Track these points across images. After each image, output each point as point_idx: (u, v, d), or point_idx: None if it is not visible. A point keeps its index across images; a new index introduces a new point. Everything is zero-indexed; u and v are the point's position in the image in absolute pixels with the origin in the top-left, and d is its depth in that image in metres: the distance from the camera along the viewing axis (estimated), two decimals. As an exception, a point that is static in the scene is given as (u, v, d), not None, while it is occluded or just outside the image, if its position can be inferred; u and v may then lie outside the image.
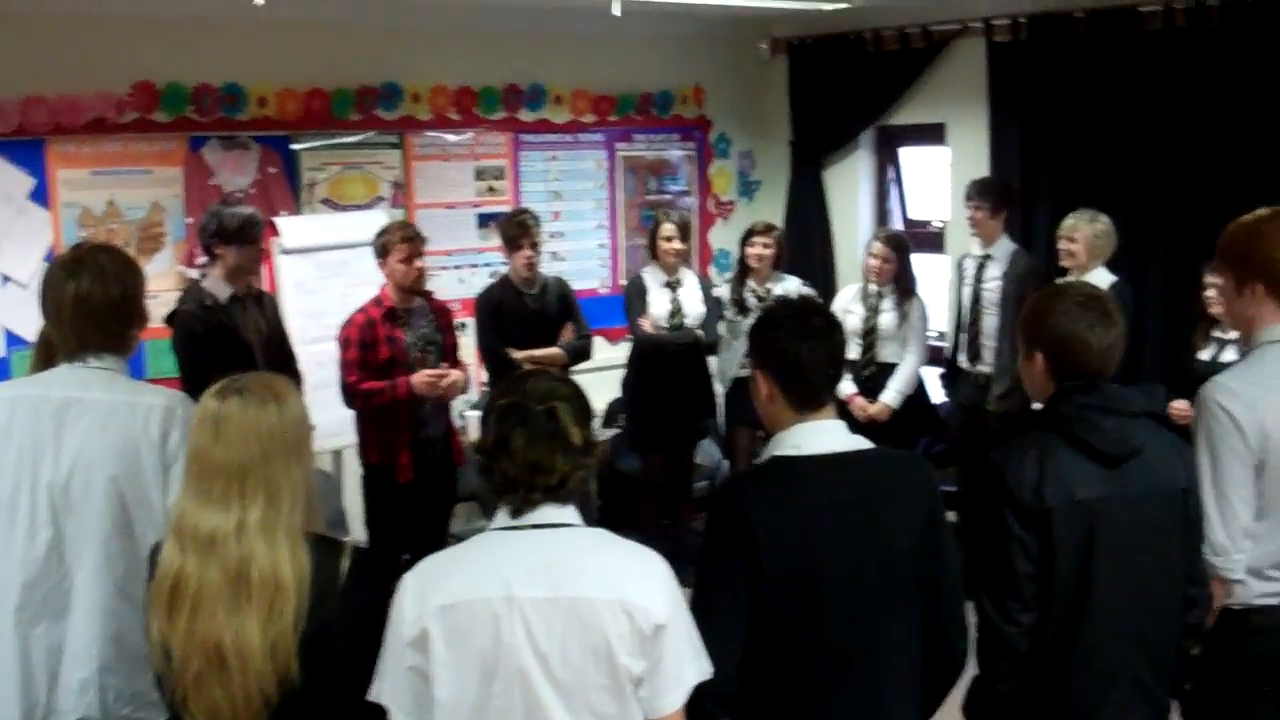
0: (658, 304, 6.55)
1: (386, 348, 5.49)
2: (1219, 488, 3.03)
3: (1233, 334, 3.43)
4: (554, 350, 6.17)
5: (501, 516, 2.47)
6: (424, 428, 5.62)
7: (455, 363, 5.75)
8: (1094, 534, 2.80)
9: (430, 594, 2.39)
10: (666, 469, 6.79)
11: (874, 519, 2.69)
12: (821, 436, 2.75)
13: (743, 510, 2.66)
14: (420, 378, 5.47)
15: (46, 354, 3.27)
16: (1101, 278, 5.86)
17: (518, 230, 6.08)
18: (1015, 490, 2.81)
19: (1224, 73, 6.13)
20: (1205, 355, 5.33)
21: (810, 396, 2.75)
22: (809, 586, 2.64)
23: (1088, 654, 2.82)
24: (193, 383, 4.82)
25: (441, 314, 5.78)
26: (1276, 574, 3.11)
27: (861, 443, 2.80)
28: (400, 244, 5.46)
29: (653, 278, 6.62)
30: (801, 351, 2.73)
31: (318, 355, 5.87)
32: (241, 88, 6.60)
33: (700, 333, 6.58)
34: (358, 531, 5.91)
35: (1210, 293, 5.27)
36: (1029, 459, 2.84)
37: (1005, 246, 6.46)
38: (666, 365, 6.53)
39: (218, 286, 5.10)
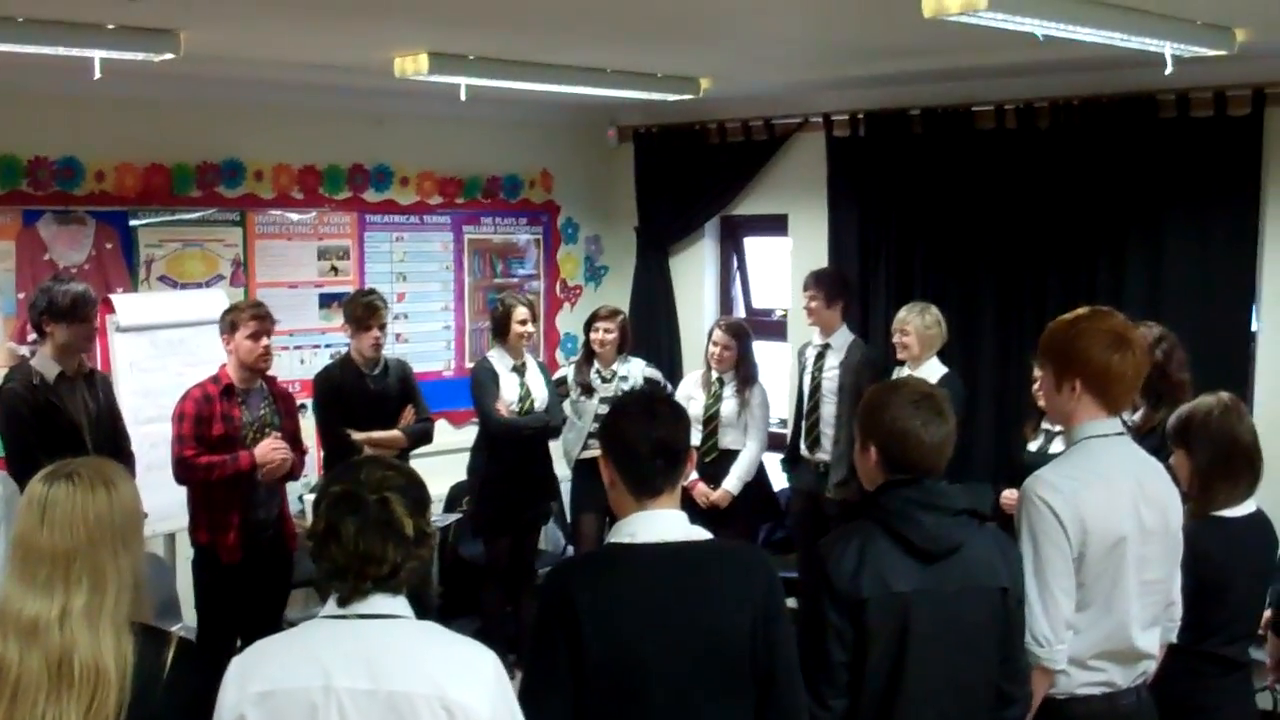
0: (508, 388, 6.53)
1: (221, 425, 5.38)
2: (1041, 579, 3.11)
3: (1060, 426, 3.57)
4: (394, 433, 6.13)
5: (330, 605, 2.44)
6: (255, 509, 5.51)
7: (298, 448, 5.66)
8: (907, 625, 2.88)
9: (251, 680, 2.36)
10: (510, 554, 6.74)
11: (703, 610, 2.69)
12: (657, 525, 2.76)
13: (568, 595, 2.66)
14: (264, 447, 5.39)
15: None
16: (933, 369, 6.03)
17: (365, 311, 6.05)
18: (834, 578, 2.89)
19: (1051, 171, 6.39)
20: (1034, 446, 5.47)
21: (645, 483, 2.77)
22: (632, 676, 2.64)
23: (896, 741, 2.88)
24: (18, 463, 4.70)
25: (283, 398, 5.70)
26: (1098, 664, 3.21)
27: (699, 533, 2.82)
28: (250, 320, 5.39)
29: (500, 362, 6.59)
30: (639, 439, 2.76)
31: (151, 436, 5.75)
32: (79, 161, 6.47)
33: (548, 416, 6.59)
34: (190, 616, 5.75)
35: (1038, 385, 5.45)
36: (850, 549, 2.92)
37: (843, 336, 6.59)
38: (517, 449, 6.50)
39: (46, 365, 4.98)
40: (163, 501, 5.46)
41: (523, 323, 6.55)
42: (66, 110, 6.36)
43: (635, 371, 6.87)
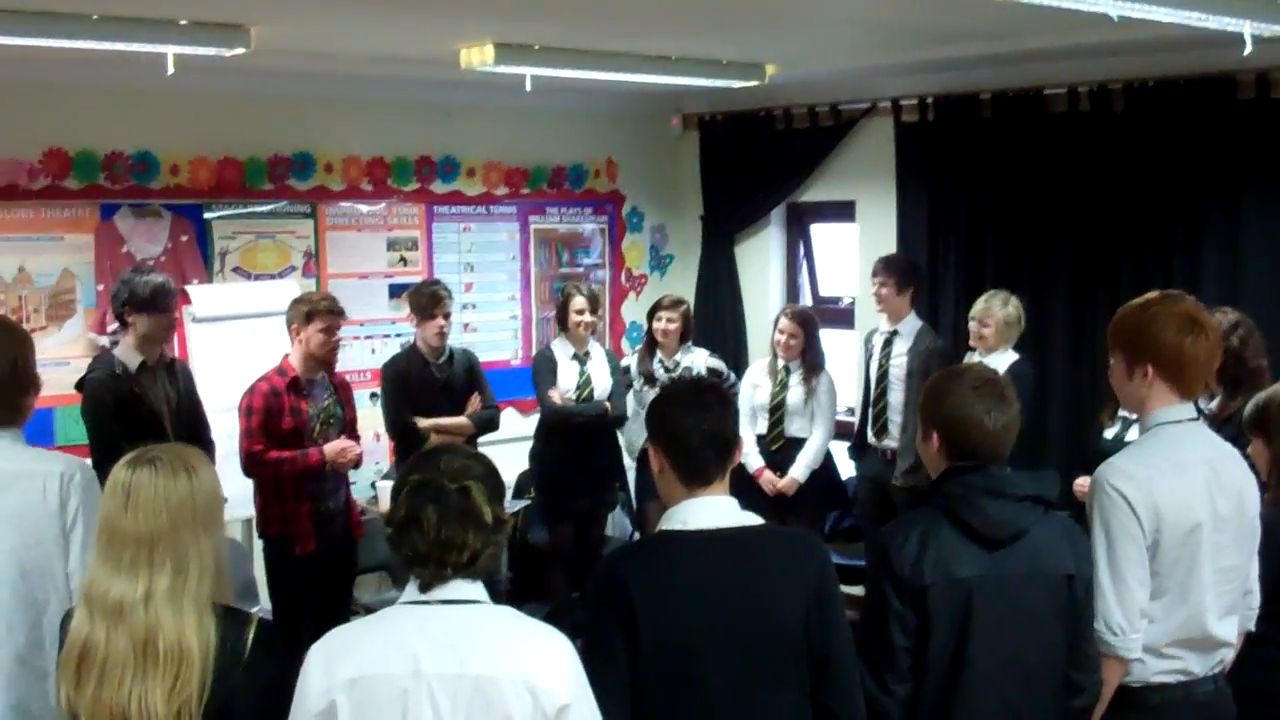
0: (566, 376, 6.57)
1: (290, 418, 5.46)
2: (1114, 568, 3.08)
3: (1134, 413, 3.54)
4: (461, 419, 6.18)
5: (411, 590, 2.47)
6: (324, 499, 5.59)
7: (354, 437, 5.74)
8: (970, 611, 2.87)
9: (338, 667, 2.39)
10: (576, 541, 6.78)
11: (756, 594, 2.71)
12: (708, 512, 2.77)
13: (622, 582, 2.68)
14: (333, 447, 5.46)
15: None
16: (1004, 355, 5.97)
17: (430, 301, 6.10)
18: (895, 564, 2.89)
19: (1125, 155, 6.29)
20: (1110, 433, 5.40)
21: (696, 472, 2.79)
22: (686, 661, 2.66)
23: (959, 727, 2.88)
24: (102, 450, 4.79)
25: (342, 388, 5.78)
26: (1174, 652, 3.18)
27: (750, 519, 2.83)
28: (326, 314, 5.47)
29: (562, 350, 6.65)
30: (689, 428, 2.77)
31: (228, 424, 5.82)
32: (154, 155, 6.57)
33: (608, 405, 6.61)
34: (268, 600, 5.84)
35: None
36: (912, 536, 2.92)
37: (911, 323, 6.54)
38: (573, 437, 6.54)
39: (128, 354, 5.06)
40: (241, 488, 5.56)
41: (580, 312, 6.58)
42: (141, 106, 6.46)
43: (698, 362, 6.87)
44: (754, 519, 2.84)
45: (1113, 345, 3.33)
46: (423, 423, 6.04)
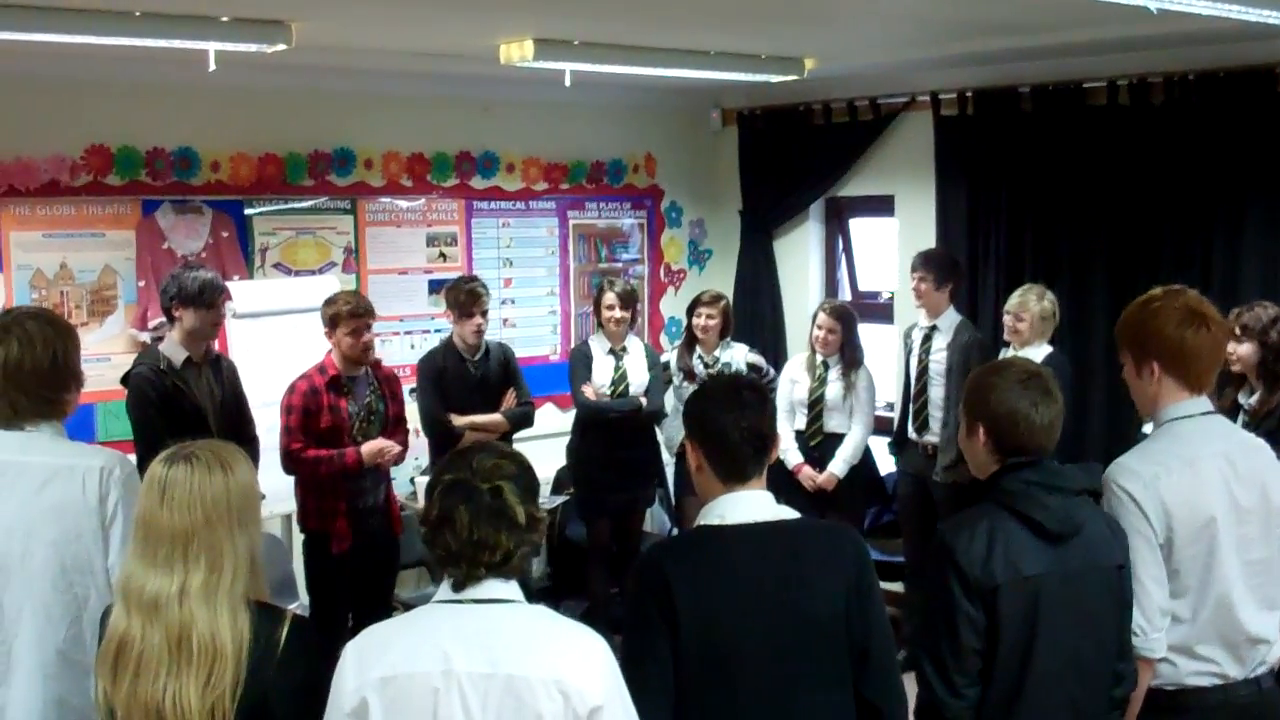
0: (602, 372, 6.58)
1: (329, 416, 5.49)
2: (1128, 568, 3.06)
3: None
4: (495, 416, 6.19)
5: (444, 589, 2.48)
6: (362, 497, 5.61)
7: (401, 431, 5.75)
8: (1037, 609, 2.85)
9: (370, 665, 2.40)
10: (614, 536, 6.79)
11: (794, 588, 2.71)
12: (746, 506, 2.78)
13: (662, 576, 2.69)
14: (370, 448, 5.49)
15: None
16: (1039, 348, 5.95)
17: (468, 298, 6.10)
18: (964, 565, 2.85)
19: (1166, 148, 6.25)
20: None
21: (735, 469, 2.80)
22: (727, 653, 2.66)
23: (1024, 727, 2.85)
24: (145, 445, 4.82)
25: (388, 381, 5.78)
26: (1206, 652, 3.14)
27: (787, 513, 2.83)
28: (348, 319, 5.48)
29: (598, 345, 6.66)
30: (727, 424, 2.78)
31: (269, 420, 5.86)
32: (195, 152, 6.62)
33: (643, 400, 6.61)
34: (307, 596, 5.88)
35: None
36: (978, 534, 2.88)
37: (951, 318, 6.51)
38: (608, 432, 6.55)
39: (173, 350, 5.10)
40: (281, 483, 5.60)
41: (610, 308, 6.59)
42: (182, 102, 6.50)
43: (738, 357, 6.86)
44: (790, 513, 2.84)
45: (1121, 346, 3.33)
46: (457, 420, 6.06)
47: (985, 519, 2.92)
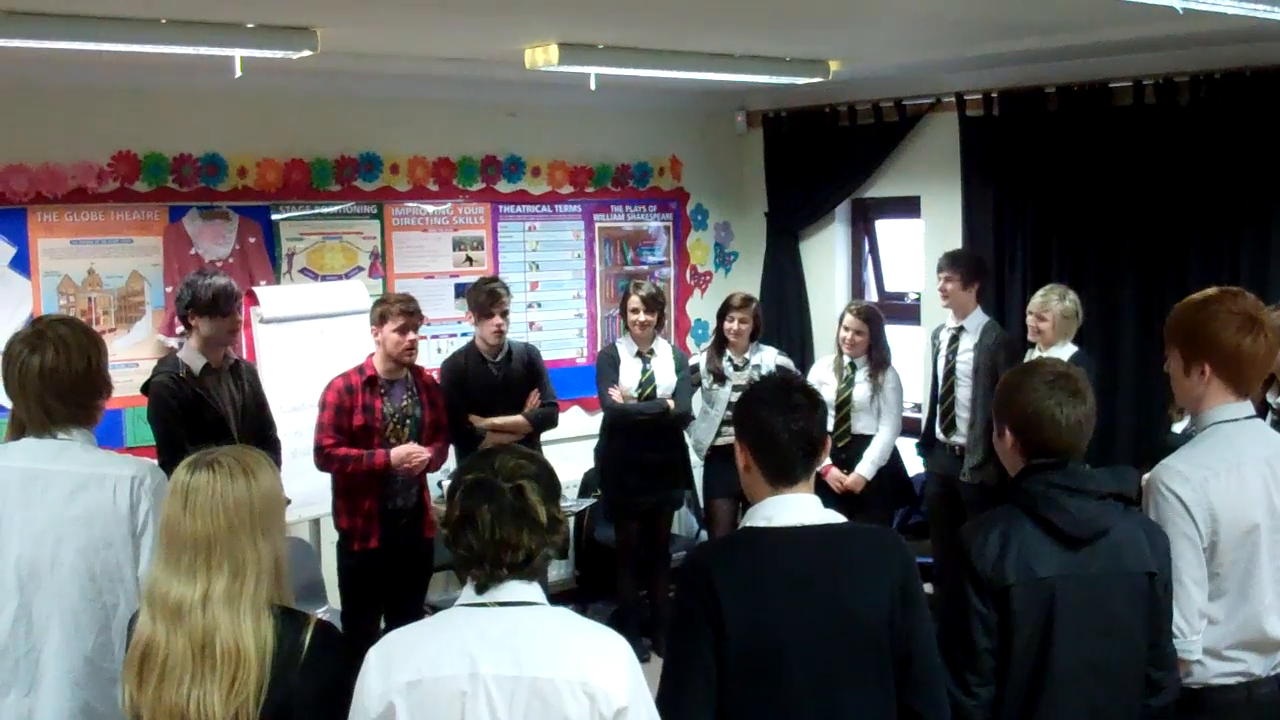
0: (629, 374, 6.59)
1: (362, 415, 5.52)
2: (1171, 570, 3.03)
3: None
4: (517, 418, 6.18)
5: (467, 592, 2.48)
6: (391, 498, 5.63)
7: (437, 439, 5.76)
8: (1052, 611, 2.84)
9: (396, 670, 2.41)
10: (642, 538, 6.79)
11: (840, 592, 2.69)
12: (793, 510, 2.76)
13: (708, 577, 2.67)
14: (400, 451, 5.50)
15: (17, 427, 3.28)
16: (1064, 349, 5.93)
17: (489, 298, 6.11)
18: (977, 565, 2.85)
19: (1192, 148, 6.23)
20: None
21: (784, 471, 2.78)
22: (771, 657, 2.65)
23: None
24: (167, 453, 4.84)
25: (427, 389, 5.80)
26: (1235, 654, 3.13)
27: (833, 517, 2.82)
28: (399, 315, 5.53)
29: (626, 348, 6.67)
30: (778, 427, 2.76)
31: (295, 424, 5.89)
32: (222, 158, 6.65)
33: (670, 402, 6.61)
34: (336, 600, 5.90)
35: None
36: (993, 535, 2.88)
37: (978, 319, 6.49)
38: (635, 435, 6.56)
39: (192, 357, 5.11)
40: (307, 488, 5.62)
41: (634, 311, 6.61)
42: (209, 108, 6.53)
43: (768, 360, 6.85)
44: (837, 517, 2.83)
45: (1169, 341, 3.29)
46: (479, 422, 6.06)
47: (1001, 520, 2.92)
